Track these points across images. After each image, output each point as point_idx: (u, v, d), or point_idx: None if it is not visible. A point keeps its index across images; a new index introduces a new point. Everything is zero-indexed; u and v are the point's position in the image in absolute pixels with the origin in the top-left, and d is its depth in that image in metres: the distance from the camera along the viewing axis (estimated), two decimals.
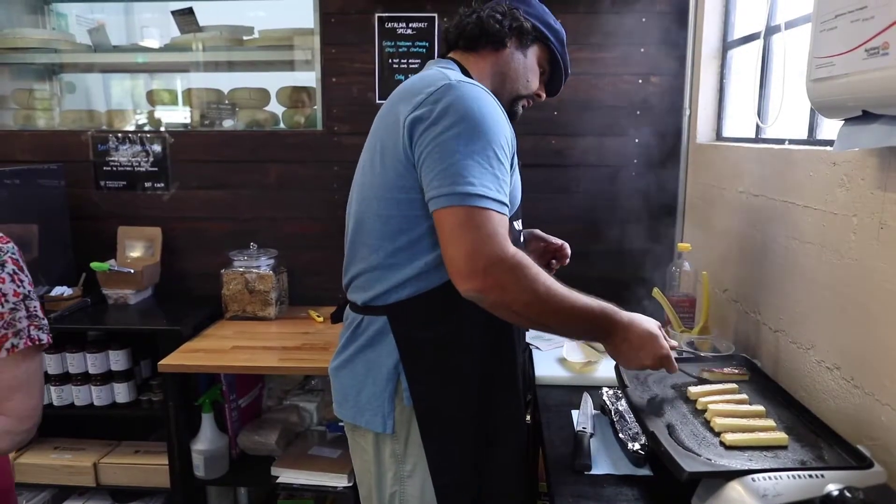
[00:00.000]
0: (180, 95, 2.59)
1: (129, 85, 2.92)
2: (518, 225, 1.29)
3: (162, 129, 2.45)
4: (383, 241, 1.17)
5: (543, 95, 1.42)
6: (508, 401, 1.27)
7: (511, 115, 1.35)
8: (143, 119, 2.59)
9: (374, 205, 1.18)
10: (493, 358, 1.23)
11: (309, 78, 2.36)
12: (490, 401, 1.23)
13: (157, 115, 2.56)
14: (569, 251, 1.55)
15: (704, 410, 1.17)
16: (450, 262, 1.04)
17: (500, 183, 1.06)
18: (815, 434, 1.10)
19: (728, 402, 1.19)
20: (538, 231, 1.57)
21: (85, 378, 2.10)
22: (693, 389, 1.25)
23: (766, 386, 1.31)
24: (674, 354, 1.18)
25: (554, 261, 1.54)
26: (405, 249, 1.15)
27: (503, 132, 1.11)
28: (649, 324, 1.16)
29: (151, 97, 2.57)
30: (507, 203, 1.08)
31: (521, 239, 1.34)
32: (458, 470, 1.21)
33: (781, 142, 1.60)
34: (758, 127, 1.78)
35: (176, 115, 2.59)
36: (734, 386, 1.27)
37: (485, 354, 1.22)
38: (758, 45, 1.74)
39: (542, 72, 1.38)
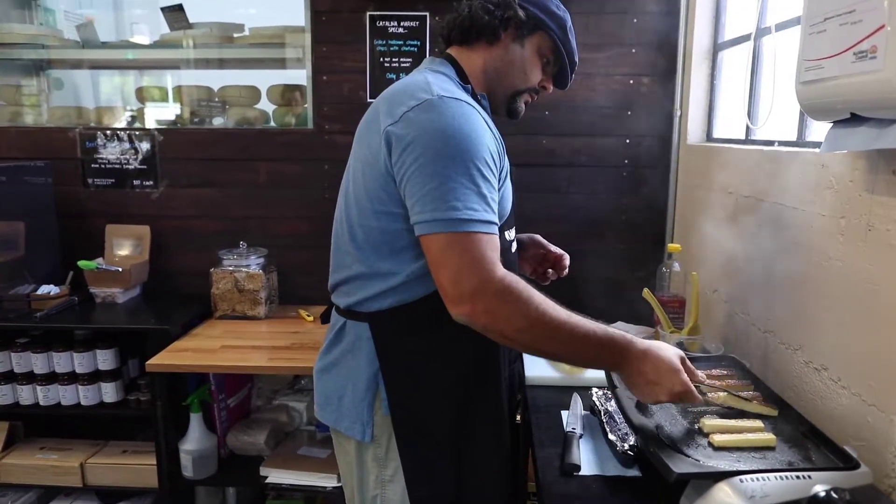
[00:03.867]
0: (171, 92, 2.57)
1: (118, 82, 2.89)
2: (509, 235, 1.26)
3: (151, 126, 2.43)
4: (365, 251, 1.15)
5: (550, 87, 1.33)
6: (490, 414, 1.24)
7: (512, 111, 1.30)
8: (141, 117, 2.56)
9: (355, 213, 1.16)
10: (475, 371, 1.20)
11: (300, 76, 2.34)
12: (471, 414, 1.21)
13: (146, 112, 2.54)
14: (567, 262, 1.51)
15: (694, 411, 1.17)
16: (439, 287, 1.03)
17: (486, 201, 1.04)
18: (802, 435, 1.11)
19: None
20: (538, 237, 1.53)
21: (72, 377, 2.08)
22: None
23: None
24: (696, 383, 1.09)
25: (551, 270, 1.51)
26: (387, 260, 1.13)
27: (487, 146, 1.07)
28: (669, 354, 1.07)
29: (141, 94, 2.55)
30: (495, 220, 1.05)
31: (513, 248, 1.30)
32: (437, 482, 1.19)
33: (771, 143, 1.61)
34: (748, 128, 1.79)
35: (165, 113, 2.57)
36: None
37: (467, 368, 1.19)
38: (748, 46, 1.75)
39: (545, 62, 1.28)
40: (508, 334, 1.02)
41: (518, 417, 1.59)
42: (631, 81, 2.24)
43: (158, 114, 2.55)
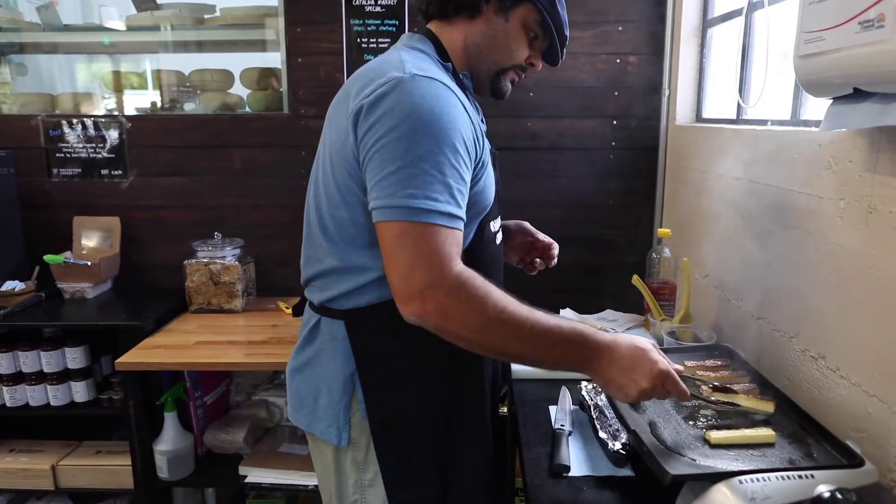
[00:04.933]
0: (150, 77, 2.46)
1: (88, 67, 2.77)
2: (494, 225, 1.19)
3: (120, 113, 2.33)
4: (337, 244, 1.07)
5: (539, 65, 1.22)
6: (473, 416, 1.18)
7: (496, 91, 1.21)
8: (110, 104, 2.46)
9: (324, 203, 1.08)
10: (457, 372, 1.13)
11: (276, 59, 2.25)
12: (453, 416, 1.15)
13: (116, 98, 2.43)
14: (556, 251, 1.43)
15: (689, 406, 1.12)
16: (390, 283, 0.94)
17: (451, 191, 0.95)
18: (802, 429, 1.06)
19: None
20: (527, 224, 1.46)
21: (40, 377, 2.00)
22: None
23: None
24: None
25: (539, 260, 1.44)
26: (361, 254, 1.05)
27: (460, 131, 0.98)
28: (637, 339, 1.00)
29: (108, 80, 2.44)
30: (460, 214, 0.96)
31: (498, 240, 1.23)
32: (418, 486, 1.12)
33: (764, 123, 1.55)
34: (739, 107, 1.73)
35: (136, 99, 2.46)
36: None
37: (448, 369, 1.12)
38: (739, 21, 1.68)
39: (532, 36, 1.17)
40: (464, 334, 0.93)
41: (504, 409, 1.54)
42: (617, 60, 2.17)
43: (129, 100, 2.45)
